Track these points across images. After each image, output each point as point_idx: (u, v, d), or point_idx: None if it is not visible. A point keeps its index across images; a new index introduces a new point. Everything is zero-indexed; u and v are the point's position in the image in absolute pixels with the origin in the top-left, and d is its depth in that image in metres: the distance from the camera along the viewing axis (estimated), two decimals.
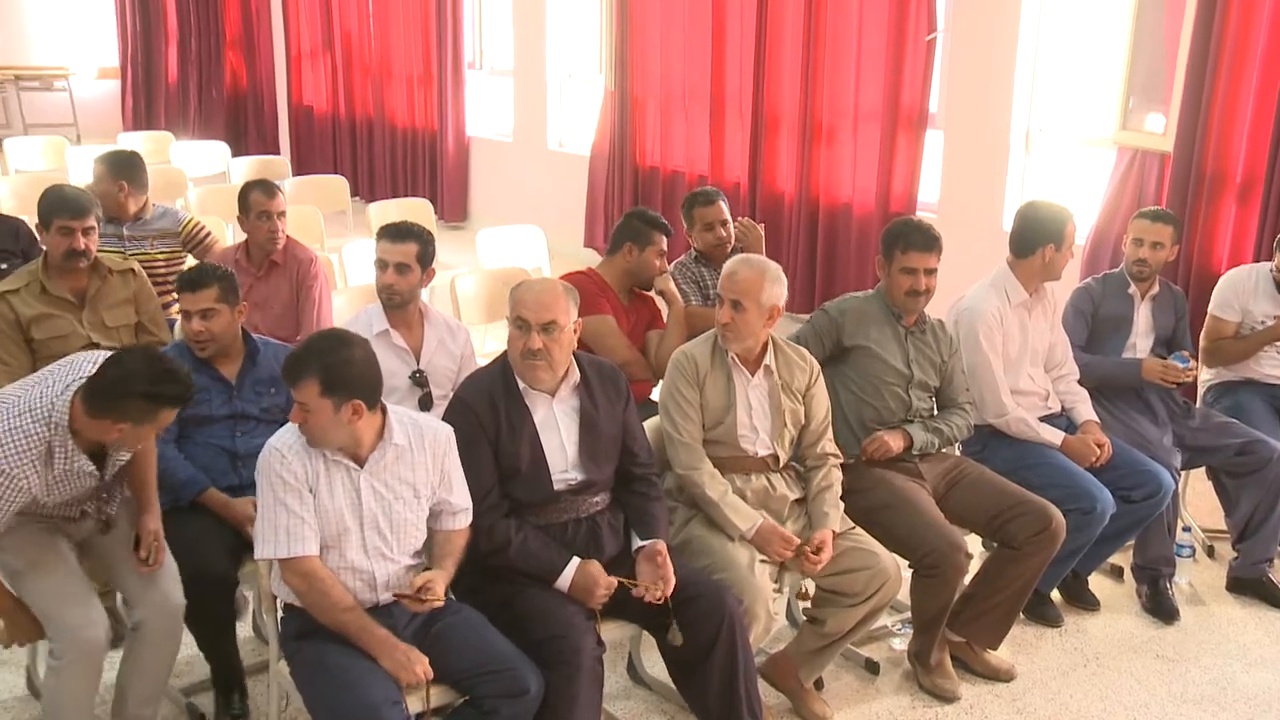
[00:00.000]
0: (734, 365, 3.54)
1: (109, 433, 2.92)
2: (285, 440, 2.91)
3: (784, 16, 7.49)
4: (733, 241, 4.77)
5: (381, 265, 3.94)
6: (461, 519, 3.09)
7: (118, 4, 13.55)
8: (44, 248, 4.32)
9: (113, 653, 3.64)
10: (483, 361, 3.97)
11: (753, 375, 3.56)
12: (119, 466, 3.17)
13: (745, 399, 3.54)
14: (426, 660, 2.83)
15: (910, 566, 3.67)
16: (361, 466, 2.93)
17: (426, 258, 3.97)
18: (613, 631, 3.21)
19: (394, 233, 3.96)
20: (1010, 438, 4.10)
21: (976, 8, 6.64)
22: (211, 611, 3.34)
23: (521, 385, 3.19)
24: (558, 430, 3.21)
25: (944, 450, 3.95)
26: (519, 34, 9.94)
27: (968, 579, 3.80)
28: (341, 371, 2.82)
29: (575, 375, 3.24)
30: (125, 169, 5.12)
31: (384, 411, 2.96)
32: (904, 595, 3.79)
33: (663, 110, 8.62)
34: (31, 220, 4.50)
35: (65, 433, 2.92)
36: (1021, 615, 4.05)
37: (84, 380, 2.92)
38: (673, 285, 4.49)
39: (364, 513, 2.93)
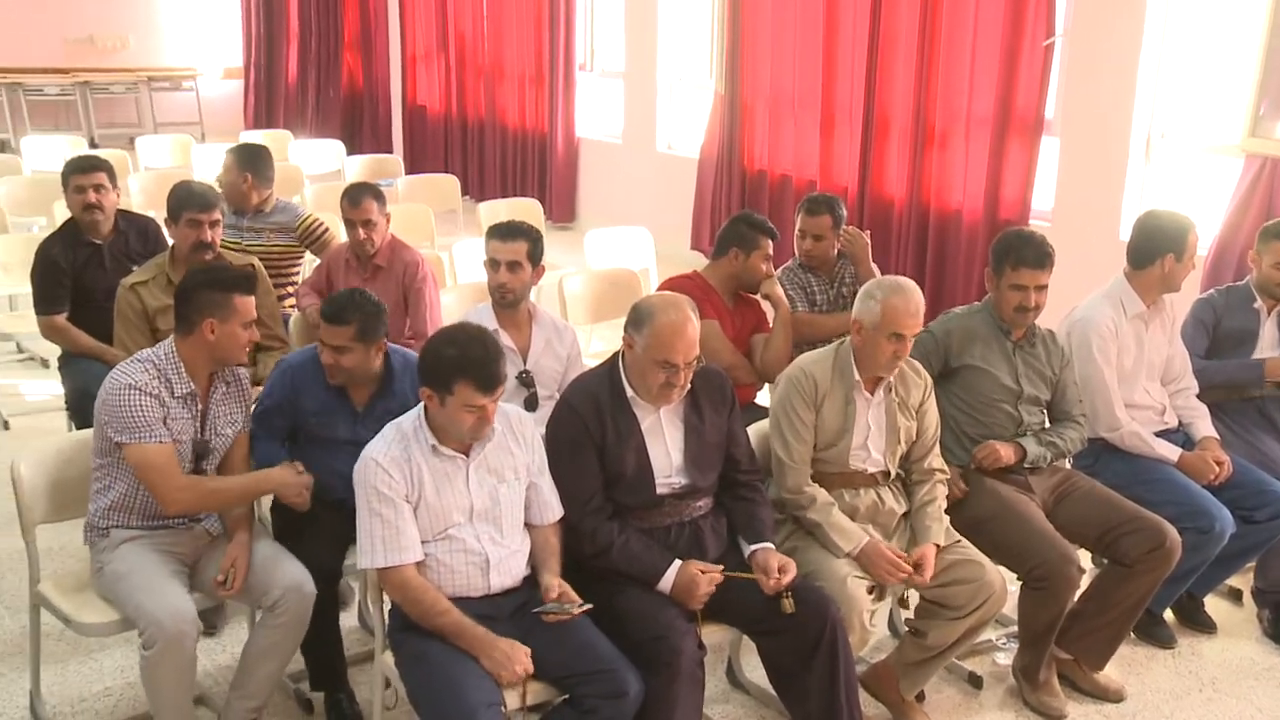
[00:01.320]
0: (858, 387, 3.49)
1: (205, 341, 3.23)
2: (381, 450, 2.96)
3: (898, 19, 7.40)
4: (836, 250, 4.72)
5: (493, 264, 3.98)
6: (551, 512, 3.14)
7: (244, 7, 13.94)
8: (170, 242, 4.48)
9: (208, 640, 3.80)
10: (589, 362, 4.00)
11: (873, 395, 3.52)
12: (220, 443, 3.36)
13: (864, 421, 3.50)
14: (528, 654, 2.85)
15: (1018, 579, 3.60)
16: (467, 456, 2.99)
17: (536, 255, 4.01)
18: (713, 635, 3.20)
19: (504, 231, 4.01)
20: (1123, 452, 4.00)
21: (1098, 9, 6.48)
22: (316, 601, 3.39)
23: (630, 393, 3.20)
24: (663, 437, 3.22)
25: (1055, 463, 3.86)
26: (630, 36, 9.98)
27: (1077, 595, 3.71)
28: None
29: (675, 400, 3.24)
30: (252, 161, 5.32)
31: None
32: (1010, 609, 3.71)
33: (772, 114, 8.58)
34: (159, 215, 4.66)
35: (175, 358, 3.25)
36: (1132, 635, 3.95)
37: None
38: (779, 289, 4.46)
39: (473, 501, 3.00)
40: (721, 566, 3.13)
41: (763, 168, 8.70)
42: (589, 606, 2.94)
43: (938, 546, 3.42)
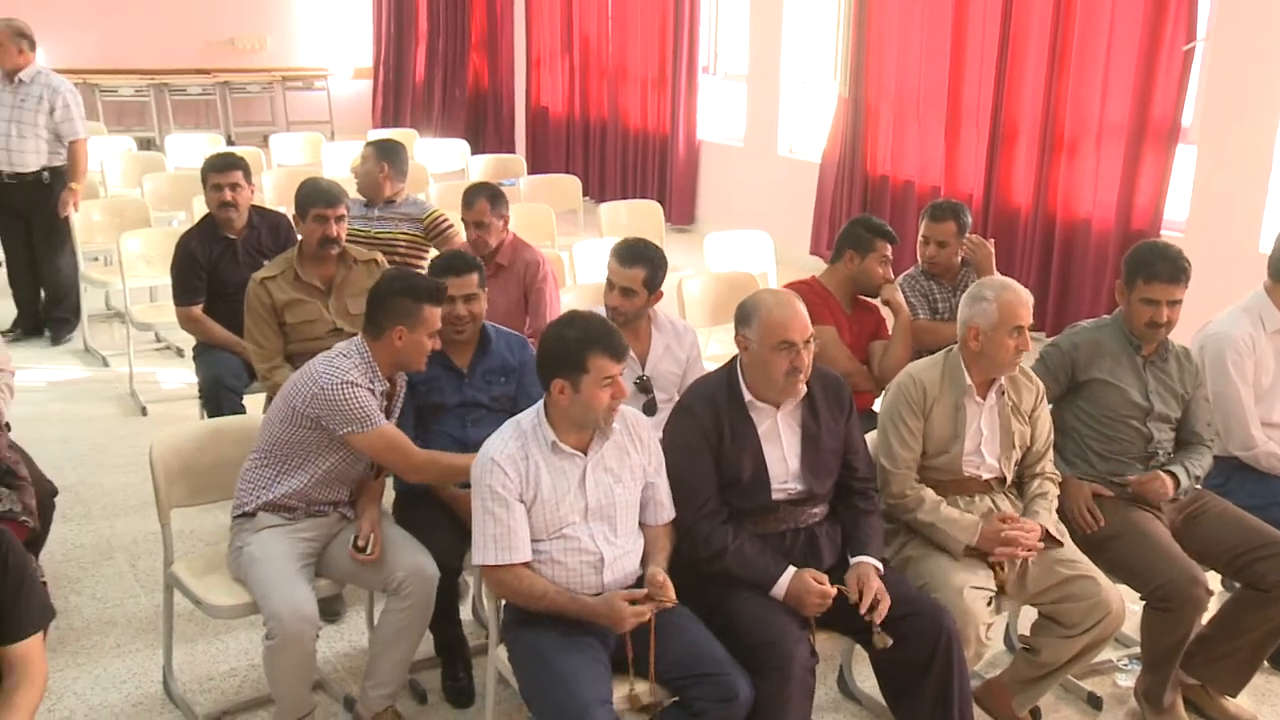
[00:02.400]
0: (969, 392, 3.44)
1: (392, 346, 3.34)
2: (499, 448, 3.01)
3: (1029, 22, 7.25)
4: (959, 258, 4.65)
5: (609, 285, 4.00)
6: (665, 512, 3.16)
7: (375, 8, 14.26)
8: (298, 238, 4.61)
9: (329, 627, 3.90)
10: (707, 365, 4.01)
11: (984, 399, 3.46)
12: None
13: (976, 426, 3.45)
14: (639, 611, 2.88)
15: (1141, 599, 3.50)
16: (585, 455, 3.02)
17: (654, 283, 3.97)
18: (826, 643, 3.18)
19: (624, 254, 3.98)
20: (1258, 472, 3.86)
21: (1243, 12, 6.25)
22: (437, 593, 3.46)
23: (748, 397, 3.20)
24: (780, 442, 3.21)
25: None
26: (755, 39, 9.95)
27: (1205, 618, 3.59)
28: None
29: (802, 388, 3.23)
30: (389, 154, 5.49)
31: None
32: (1134, 630, 3.61)
33: (896, 118, 8.48)
34: (290, 211, 4.80)
35: (370, 361, 3.36)
36: (1266, 664, 3.80)
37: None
38: (900, 296, 4.41)
39: (589, 499, 3.02)
40: (836, 588, 3.10)
41: (885, 172, 8.60)
42: (672, 602, 2.95)
43: (1047, 533, 3.36)
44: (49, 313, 7.17)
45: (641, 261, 3.95)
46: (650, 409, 3.95)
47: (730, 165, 10.38)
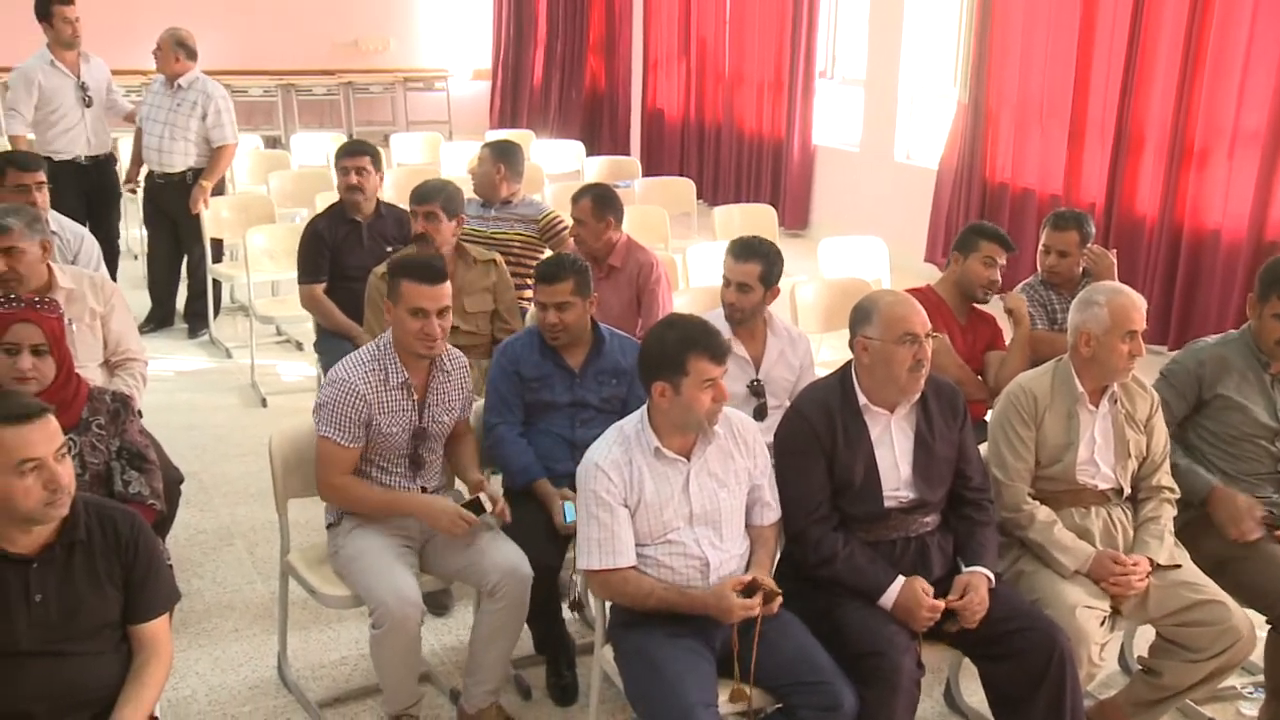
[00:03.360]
0: (1081, 400, 3.37)
1: (402, 328, 3.38)
2: (603, 453, 3.02)
3: (1161, 27, 7.05)
4: (1080, 269, 4.54)
5: (725, 281, 4.00)
6: (770, 513, 3.14)
7: (495, 11, 14.44)
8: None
9: (436, 621, 3.97)
10: (819, 372, 3.98)
11: (1097, 407, 3.38)
12: (438, 429, 3.50)
13: (1090, 434, 3.37)
14: (748, 604, 2.88)
15: (1267, 623, 3.38)
16: (689, 460, 3.02)
17: (770, 278, 3.97)
18: (934, 655, 3.13)
19: (740, 250, 3.98)
20: None
21: None
22: (535, 591, 3.47)
23: (862, 400, 3.17)
24: (892, 448, 3.17)
25: None
26: (874, 44, 9.85)
27: None
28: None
29: (922, 384, 3.19)
30: (506, 155, 5.56)
31: None
32: (1259, 655, 3.48)
33: (1018, 124, 8.31)
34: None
35: (390, 350, 3.42)
36: None
37: None
38: (1024, 305, 4.33)
39: (693, 505, 3.02)
40: (946, 602, 3.05)
41: (1004, 180, 8.45)
42: (754, 612, 2.92)
43: (1154, 563, 3.26)
44: (189, 307, 7.42)
45: (756, 257, 3.94)
46: (761, 414, 3.93)
47: (845, 171, 10.29)
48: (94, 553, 2.54)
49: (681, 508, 3.02)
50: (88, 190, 7.02)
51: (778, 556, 3.21)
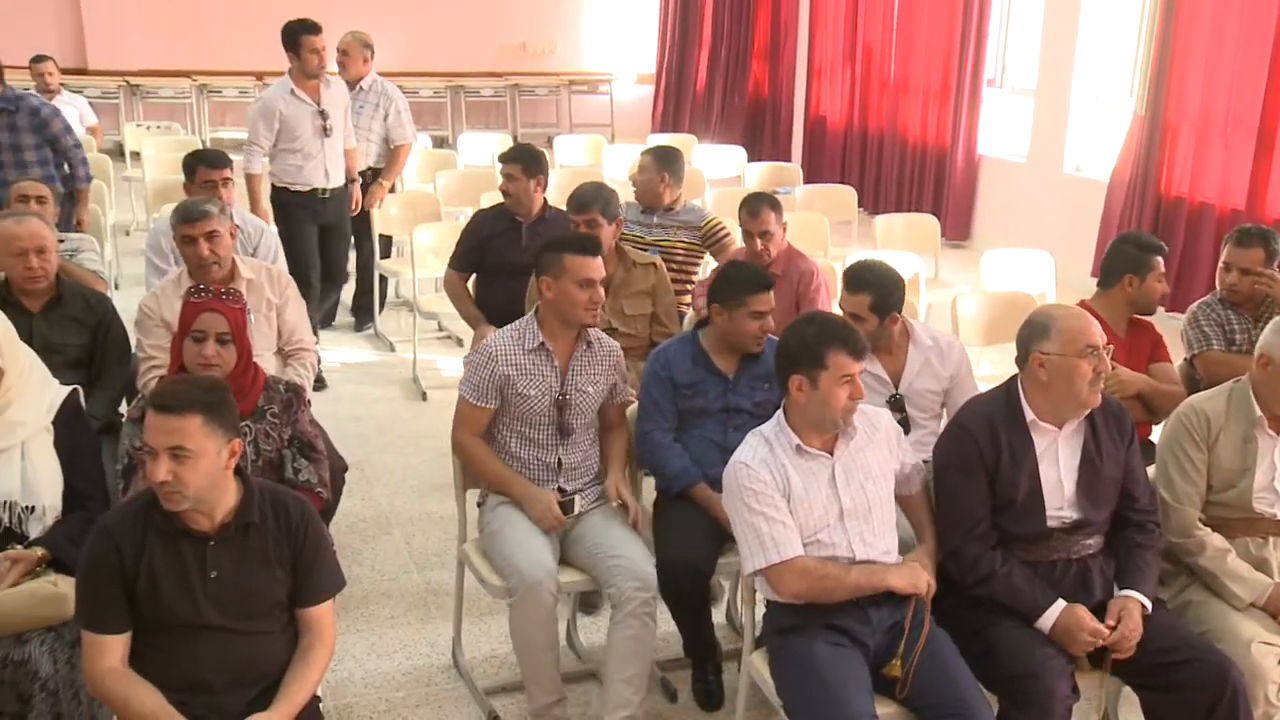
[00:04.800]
0: (1259, 424, 3.22)
1: (546, 300, 3.54)
2: (748, 453, 3.02)
3: None
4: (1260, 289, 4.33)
5: (841, 311, 3.90)
6: (915, 482, 3.17)
7: (661, 15, 14.56)
8: None
9: (585, 619, 4.05)
10: (982, 385, 3.88)
11: (1277, 433, 3.22)
12: (582, 400, 3.60)
13: (1270, 461, 3.22)
14: (925, 577, 2.95)
15: None
16: (832, 455, 3.01)
17: (883, 307, 3.77)
18: (1090, 682, 3.03)
19: (850, 281, 3.83)
20: None
21: None
22: (686, 597, 3.51)
23: (1029, 416, 3.09)
24: (1058, 465, 3.08)
25: None
26: (1046, 52, 9.59)
27: None
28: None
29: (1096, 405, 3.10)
30: (669, 162, 5.54)
31: None
32: None
33: (1198, 137, 7.98)
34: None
35: (534, 318, 3.60)
36: None
37: None
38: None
39: (842, 499, 3.00)
40: (1106, 631, 2.95)
41: (1181, 194, 8.11)
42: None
43: None
44: (357, 301, 7.64)
45: (867, 288, 3.76)
46: (904, 429, 3.85)
47: (1011, 181, 10.04)
48: (266, 535, 2.65)
49: (831, 504, 3.00)
50: (323, 224, 6.75)
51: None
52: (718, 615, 4.14)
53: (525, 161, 5.28)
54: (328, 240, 6.79)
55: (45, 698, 2.80)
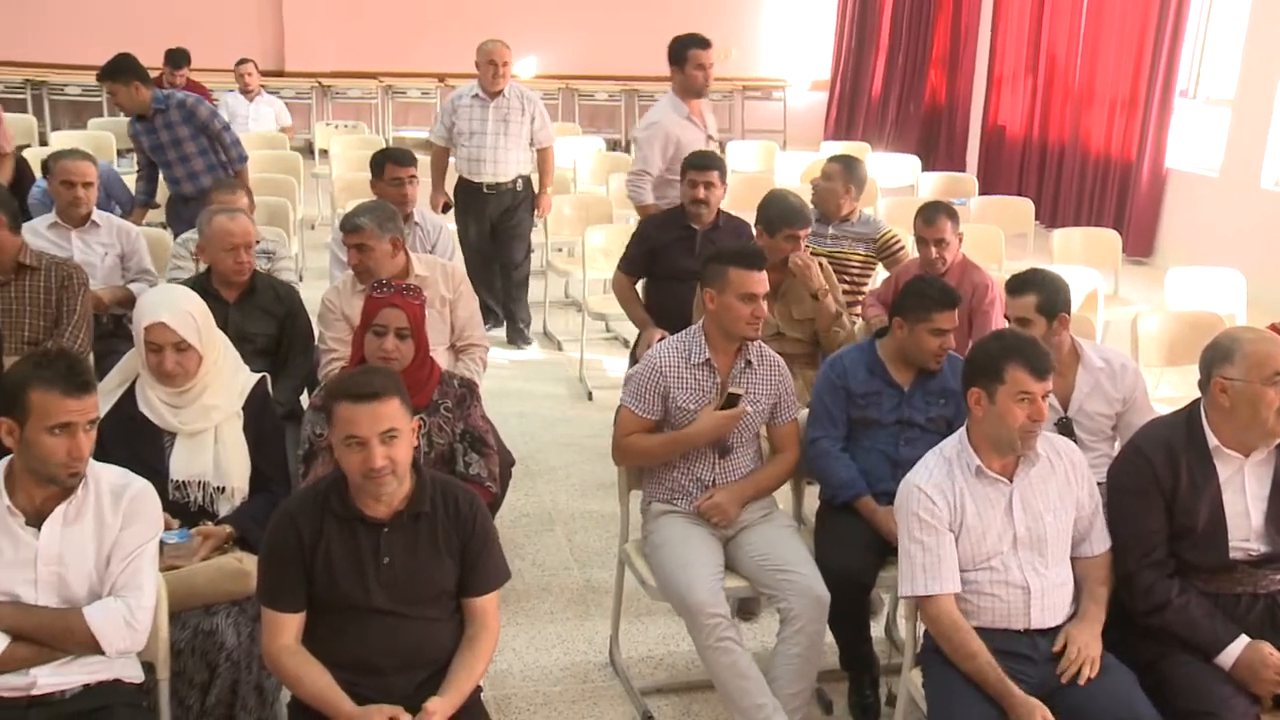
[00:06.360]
0: None
1: (709, 311, 3.54)
2: (924, 476, 2.98)
3: None
4: None
5: (1006, 320, 3.82)
6: (1100, 543, 3.02)
7: (837, 22, 14.44)
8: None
9: (745, 625, 4.02)
10: (1157, 408, 3.74)
11: None
12: (744, 419, 3.54)
13: None
14: (1044, 714, 2.73)
15: None
16: (1011, 481, 2.94)
17: (1051, 308, 3.68)
18: None
19: (1015, 284, 3.77)
20: None
21: None
22: (845, 608, 3.47)
23: (1213, 442, 2.96)
24: (1244, 494, 2.95)
25: None
26: (1248, 60, 9.14)
27: None
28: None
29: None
30: (854, 173, 5.43)
31: None
32: None
33: None
34: (742, 215, 4.96)
35: (698, 333, 3.59)
36: None
37: None
38: None
39: (1017, 527, 2.93)
40: None
41: None
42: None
43: None
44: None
45: (1030, 288, 3.70)
46: None
47: (1201, 196, 9.62)
48: (437, 525, 2.73)
49: (1005, 532, 2.94)
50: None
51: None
52: (876, 629, 4.09)
53: (721, 170, 5.27)
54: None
55: (229, 668, 2.95)
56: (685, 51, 6.04)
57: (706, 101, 6.27)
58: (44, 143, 9.29)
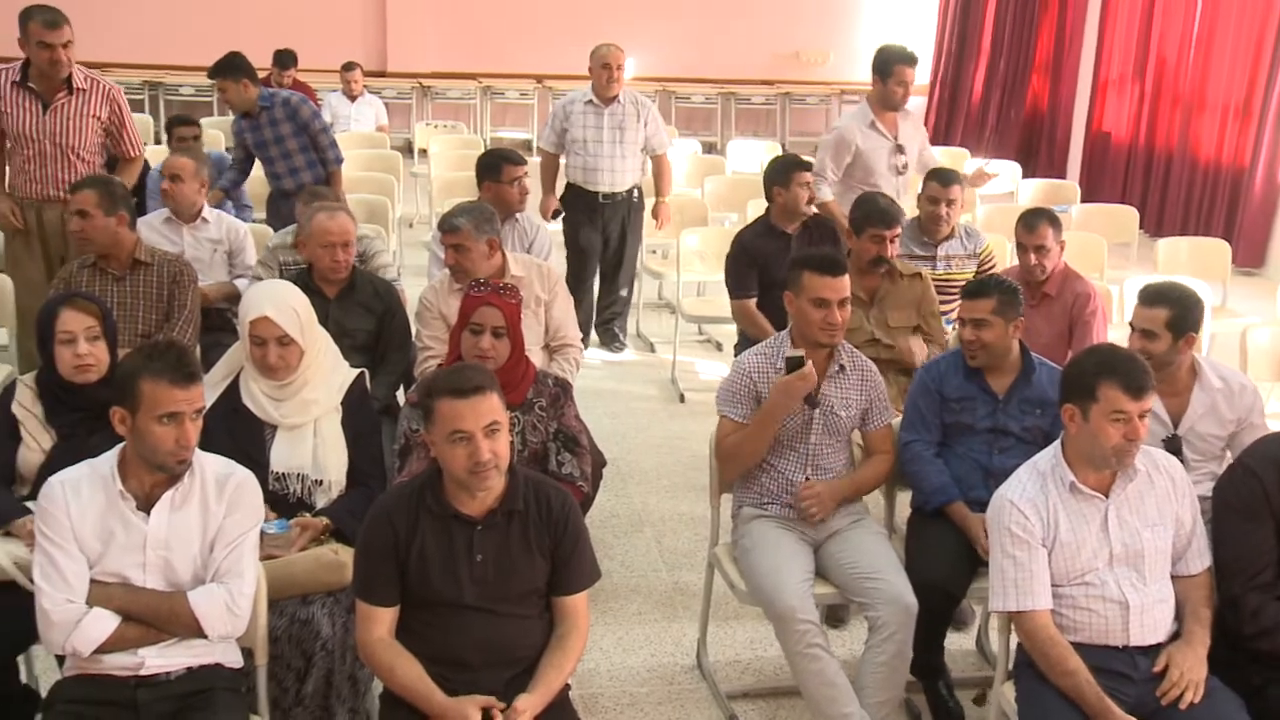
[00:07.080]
0: None
1: (805, 318, 3.51)
2: (1017, 491, 2.93)
3: None
4: None
5: (1131, 328, 3.71)
6: (1195, 562, 2.94)
7: (939, 26, 14.25)
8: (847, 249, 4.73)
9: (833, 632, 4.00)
10: (1270, 425, 3.64)
11: None
12: (832, 422, 3.56)
13: None
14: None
15: None
16: (1107, 497, 2.89)
17: (1181, 325, 3.53)
18: None
19: (1148, 295, 3.63)
20: None
21: None
22: (932, 619, 3.43)
23: None
24: None
25: None
26: None
27: None
28: None
29: None
30: (951, 182, 5.30)
31: None
32: None
33: None
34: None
35: (785, 338, 3.59)
36: None
37: None
38: None
39: (1113, 543, 2.88)
40: None
41: None
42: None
43: None
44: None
45: (1164, 302, 3.55)
46: None
47: None
48: (529, 523, 2.75)
49: (1101, 548, 2.88)
50: None
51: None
52: (967, 641, 4.04)
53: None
54: None
55: (324, 657, 3.01)
56: (892, 66, 6.04)
57: (916, 117, 6.30)
58: (157, 141, 9.56)
